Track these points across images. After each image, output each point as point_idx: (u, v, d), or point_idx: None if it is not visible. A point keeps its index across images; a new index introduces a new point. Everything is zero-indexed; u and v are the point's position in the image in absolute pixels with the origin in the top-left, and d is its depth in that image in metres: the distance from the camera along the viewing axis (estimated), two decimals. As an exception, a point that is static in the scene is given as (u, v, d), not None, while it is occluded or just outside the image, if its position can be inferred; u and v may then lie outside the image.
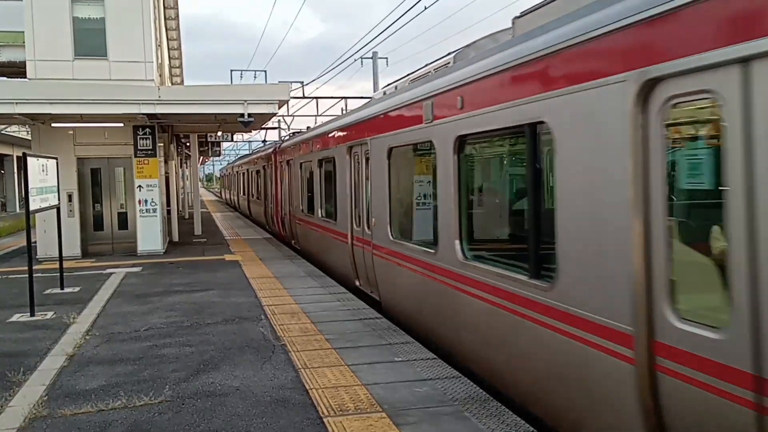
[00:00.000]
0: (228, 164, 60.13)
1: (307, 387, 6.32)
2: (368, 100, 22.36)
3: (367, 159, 10.90)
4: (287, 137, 23.76)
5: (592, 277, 4.73)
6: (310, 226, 15.91)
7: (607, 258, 4.56)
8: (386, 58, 32.21)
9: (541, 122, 5.36)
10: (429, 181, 8.57)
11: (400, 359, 7.16)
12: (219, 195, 78.58)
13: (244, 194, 37.22)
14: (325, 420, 5.46)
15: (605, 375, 4.59)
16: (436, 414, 5.53)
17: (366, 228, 10.92)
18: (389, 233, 9.61)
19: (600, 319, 4.65)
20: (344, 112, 25.85)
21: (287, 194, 19.83)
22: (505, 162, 7.18)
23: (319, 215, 14.80)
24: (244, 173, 36.91)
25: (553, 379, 5.32)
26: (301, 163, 17.07)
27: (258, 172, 28.50)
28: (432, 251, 7.81)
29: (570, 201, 5.01)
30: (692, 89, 3.83)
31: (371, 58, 30.09)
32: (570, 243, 5.02)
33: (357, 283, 11.68)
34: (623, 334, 4.38)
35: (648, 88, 4.14)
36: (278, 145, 22.94)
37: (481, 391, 6.09)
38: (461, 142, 7.07)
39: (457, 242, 7.10)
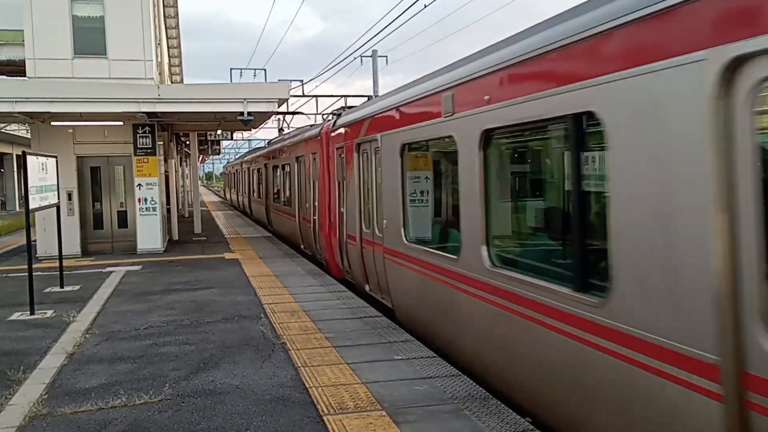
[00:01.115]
0: (237, 158, 47.88)
1: (307, 385, 6.32)
2: (368, 98, 22.38)
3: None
4: (345, 110, 14.69)
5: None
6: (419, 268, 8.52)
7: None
8: (386, 56, 32.18)
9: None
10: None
11: (400, 357, 7.16)
12: (222, 196, 68.96)
13: (260, 197, 27.39)
14: (324, 418, 5.46)
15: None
16: (436, 412, 5.53)
17: None
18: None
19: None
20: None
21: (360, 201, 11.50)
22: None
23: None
24: (261, 169, 27.05)
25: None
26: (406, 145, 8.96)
27: (289, 166, 19.48)
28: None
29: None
30: None
31: (371, 56, 30.03)
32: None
33: None
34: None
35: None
36: (333, 120, 14.22)
37: (480, 389, 6.08)
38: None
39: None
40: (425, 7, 14.94)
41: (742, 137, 3.43)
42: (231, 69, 57.36)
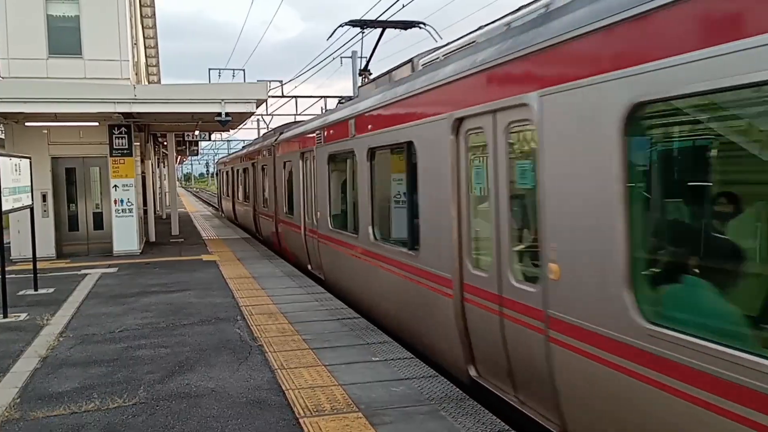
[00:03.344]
0: (243, 148, 31.35)
1: (284, 388, 6.29)
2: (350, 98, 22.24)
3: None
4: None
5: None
6: None
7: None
8: (365, 57, 32.16)
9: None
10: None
11: (377, 359, 7.16)
12: (217, 204, 47.85)
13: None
14: (301, 421, 5.44)
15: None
16: (413, 413, 5.53)
17: None
18: None
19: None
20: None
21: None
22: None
23: None
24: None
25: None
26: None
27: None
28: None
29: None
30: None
31: (350, 57, 30.01)
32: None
33: None
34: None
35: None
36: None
37: (457, 390, 6.10)
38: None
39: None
40: (403, 7, 14.94)
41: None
42: (209, 69, 56.91)
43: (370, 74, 12.67)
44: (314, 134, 12.81)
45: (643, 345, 3.90)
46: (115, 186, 17.59)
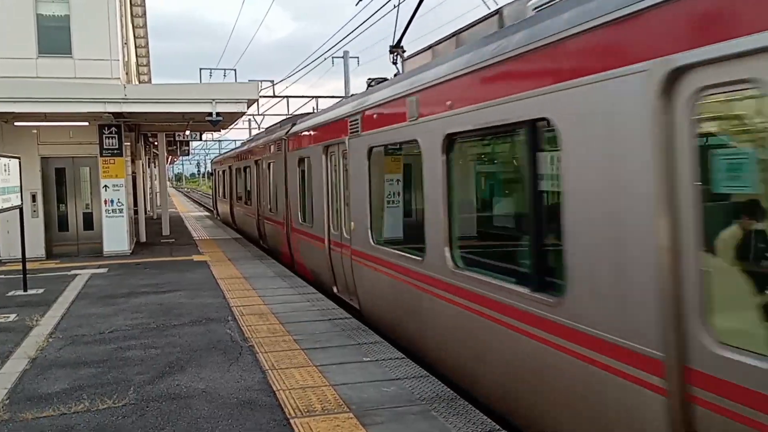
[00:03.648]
0: (244, 143, 28.07)
1: (275, 388, 6.27)
2: (339, 99, 22.17)
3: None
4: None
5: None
6: None
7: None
8: (357, 57, 32.15)
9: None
10: None
11: (368, 359, 7.15)
12: (211, 206, 43.10)
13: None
14: (291, 421, 5.43)
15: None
16: (404, 413, 5.52)
17: None
18: None
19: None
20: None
21: None
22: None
23: None
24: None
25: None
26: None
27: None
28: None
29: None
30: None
31: (342, 57, 30.01)
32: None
33: None
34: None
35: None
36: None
37: (448, 390, 6.10)
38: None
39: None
40: (394, 7, 14.93)
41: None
42: (201, 69, 56.91)
43: (404, 51, 10.43)
44: (345, 121, 10.03)
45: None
46: (105, 186, 17.49)
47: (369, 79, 10.76)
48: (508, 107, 5.28)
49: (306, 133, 13.00)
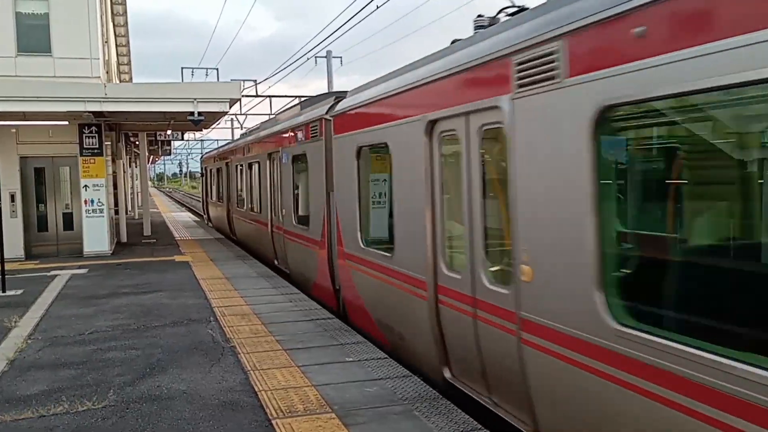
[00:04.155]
0: (243, 136, 22.29)
1: (256, 389, 6.25)
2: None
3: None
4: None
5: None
6: None
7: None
8: (340, 57, 32.18)
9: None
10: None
11: (351, 359, 7.14)
12: (202, 209, 35.01)
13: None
14: (273, 422, 5.41)
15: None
16: (386, 413, 5.53)
17: None
18: None
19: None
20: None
21: None
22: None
23: None
24: None
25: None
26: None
27: None
28: None
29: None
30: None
31: (325, 57, 29.97)
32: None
33: None
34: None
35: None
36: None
37: (430, 390, 6.11)
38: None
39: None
40: (377, 8, 14.94)
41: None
42: (182, 68, 56.48)
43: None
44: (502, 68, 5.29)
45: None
46: (86, 186, 17.33)
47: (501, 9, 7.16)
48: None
49: (372, 108, 8.22)
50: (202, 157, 34.82)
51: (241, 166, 19.28)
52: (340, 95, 10.72)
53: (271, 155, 14.61)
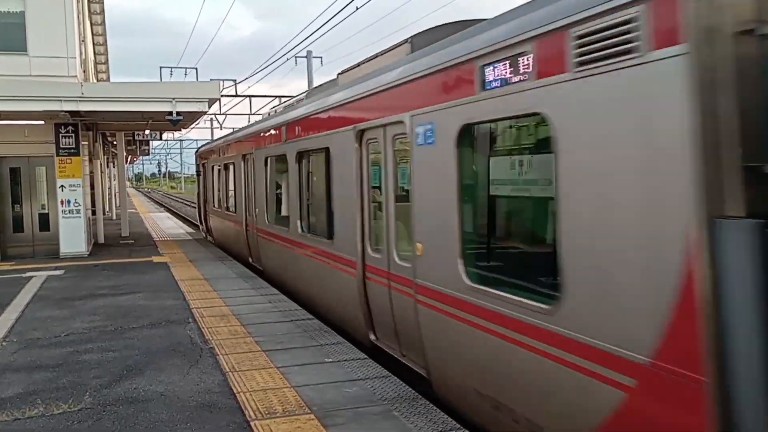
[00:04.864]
0: (250, 125, 16.23)
1: (235, 390, 6.22)
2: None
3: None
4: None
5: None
6: None
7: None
8: (321, 57, 32.09)
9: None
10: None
11: (330, 360, 7.13)
12: (198, 218, 27.21)
13: None
14: (252, 424, 5.38)
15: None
16: (365, 414, 5.53)
17: None
18: None
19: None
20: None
21: None
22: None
23: None
24: None
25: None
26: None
27: None
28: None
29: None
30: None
31: (305, 57, 29.90)
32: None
33: None
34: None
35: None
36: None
37: (409, 390, 6.12)
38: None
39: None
40: (357, 9, 14.93)
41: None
42: (161, 67, 55.87)
43: None
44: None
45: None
46: (62, 186, 17.13)
47: None
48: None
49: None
50: (197, 151, 25.80)
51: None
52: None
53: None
